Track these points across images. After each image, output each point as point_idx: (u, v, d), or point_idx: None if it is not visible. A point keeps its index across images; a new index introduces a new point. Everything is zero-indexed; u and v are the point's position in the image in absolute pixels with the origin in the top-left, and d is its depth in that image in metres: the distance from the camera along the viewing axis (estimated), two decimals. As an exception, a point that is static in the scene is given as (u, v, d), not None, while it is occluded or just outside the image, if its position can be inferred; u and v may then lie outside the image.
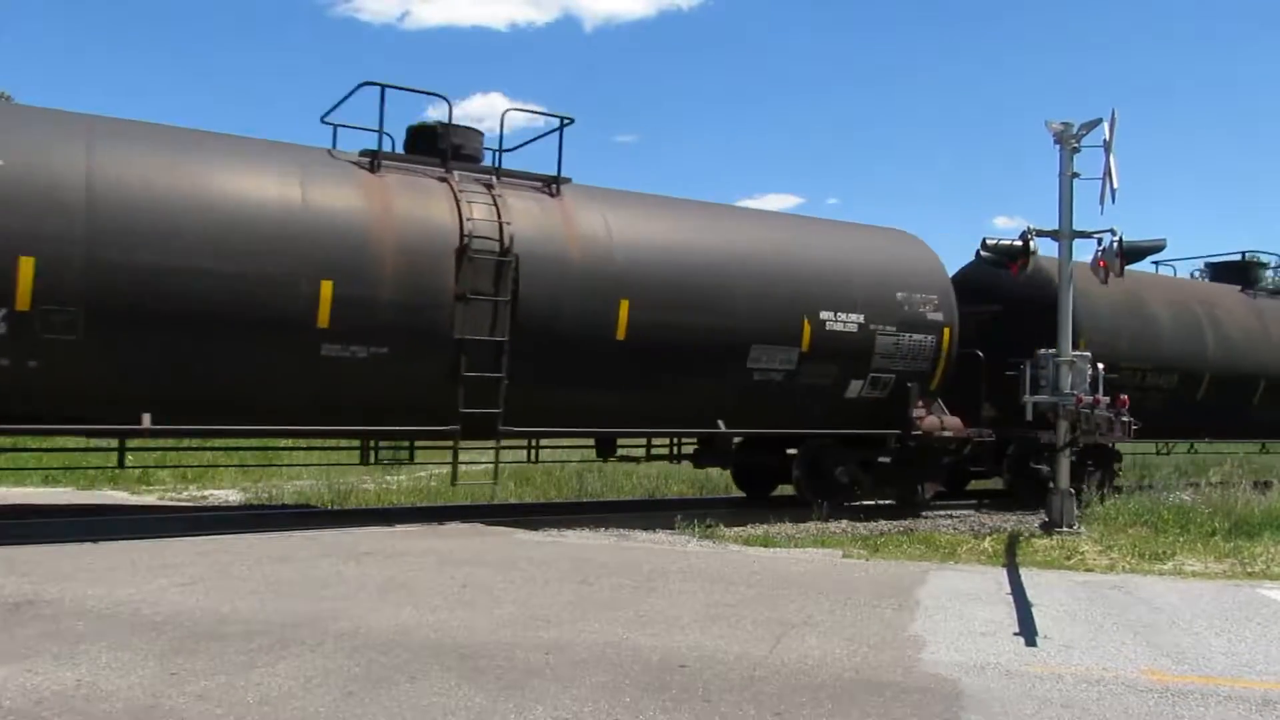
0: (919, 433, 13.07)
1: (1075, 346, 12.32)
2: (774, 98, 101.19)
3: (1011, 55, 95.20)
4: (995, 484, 15.80)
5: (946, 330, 13.42)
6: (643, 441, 13.28)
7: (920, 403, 13.14)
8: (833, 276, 12.74)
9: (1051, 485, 11.97)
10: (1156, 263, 17.88)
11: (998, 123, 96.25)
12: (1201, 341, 16.58)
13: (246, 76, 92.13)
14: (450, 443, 11.27)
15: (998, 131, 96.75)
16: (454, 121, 11.35)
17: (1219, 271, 19.74)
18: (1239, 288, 18.41)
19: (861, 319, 12.70)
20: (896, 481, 13.57)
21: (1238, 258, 19.40)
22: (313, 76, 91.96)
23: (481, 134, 11.86)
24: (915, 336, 13.12)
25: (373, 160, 10.57)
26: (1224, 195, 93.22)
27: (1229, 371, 16.80)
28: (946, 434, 13.30)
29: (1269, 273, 20.55)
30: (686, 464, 13.88)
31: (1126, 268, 12.02)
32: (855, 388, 12.84)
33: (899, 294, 13.07)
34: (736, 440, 13.06)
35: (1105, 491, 13.14)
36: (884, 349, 12.87)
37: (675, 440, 13.32)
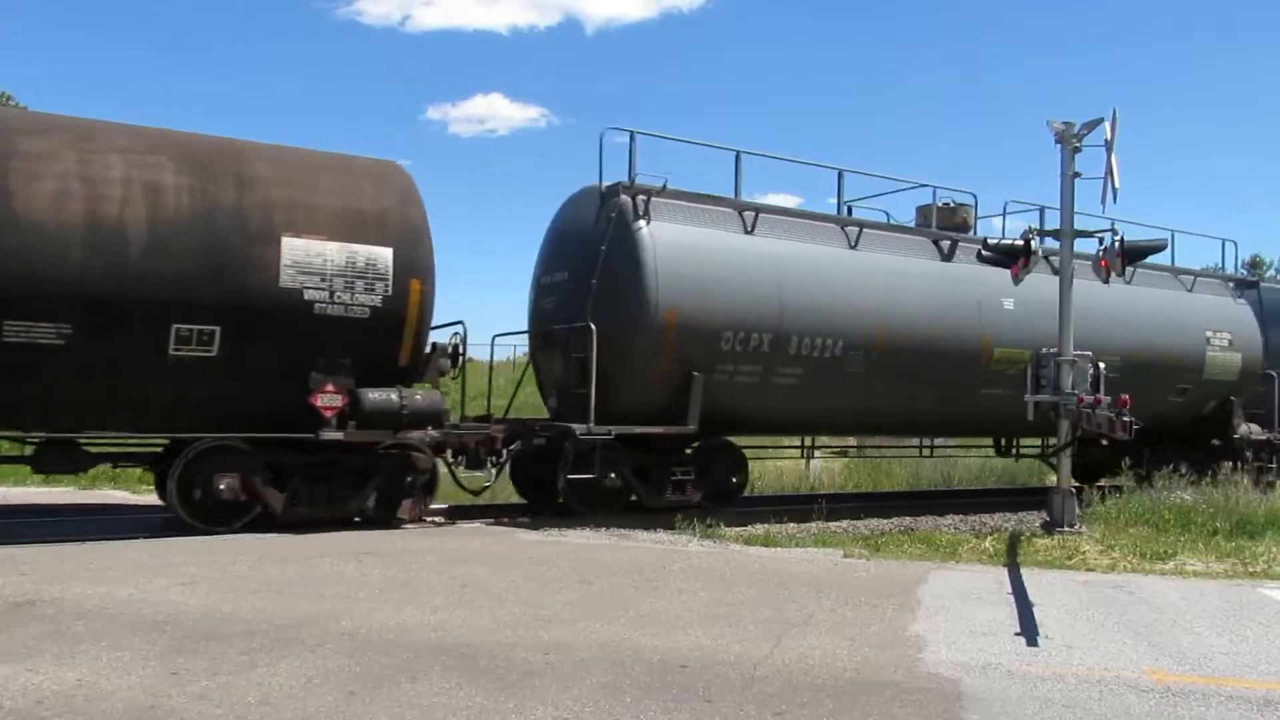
0: None
1: None
2: (774, 98, 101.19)
3: (1011, 55, 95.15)
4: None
5: None
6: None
7: None
8: None
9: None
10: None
11: (997, 122, 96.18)
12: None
13: (248, 79, 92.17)
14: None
15: (997, 131, 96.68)
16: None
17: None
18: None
19: None
20: None
21: None
22: (315, 78, 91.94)
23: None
24: None
25: None
26: (1224, 195, 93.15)
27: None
28: None
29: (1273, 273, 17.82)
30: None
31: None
32: None
33: None
34: None
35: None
36: None
37: None
